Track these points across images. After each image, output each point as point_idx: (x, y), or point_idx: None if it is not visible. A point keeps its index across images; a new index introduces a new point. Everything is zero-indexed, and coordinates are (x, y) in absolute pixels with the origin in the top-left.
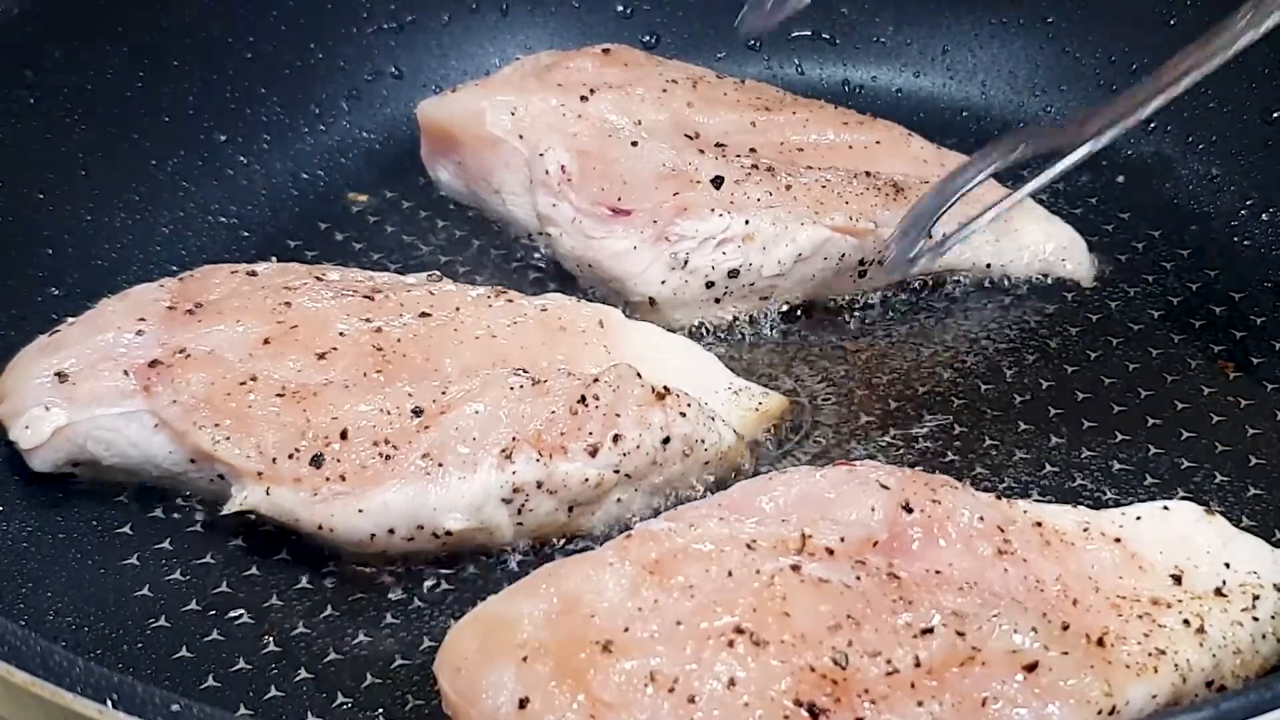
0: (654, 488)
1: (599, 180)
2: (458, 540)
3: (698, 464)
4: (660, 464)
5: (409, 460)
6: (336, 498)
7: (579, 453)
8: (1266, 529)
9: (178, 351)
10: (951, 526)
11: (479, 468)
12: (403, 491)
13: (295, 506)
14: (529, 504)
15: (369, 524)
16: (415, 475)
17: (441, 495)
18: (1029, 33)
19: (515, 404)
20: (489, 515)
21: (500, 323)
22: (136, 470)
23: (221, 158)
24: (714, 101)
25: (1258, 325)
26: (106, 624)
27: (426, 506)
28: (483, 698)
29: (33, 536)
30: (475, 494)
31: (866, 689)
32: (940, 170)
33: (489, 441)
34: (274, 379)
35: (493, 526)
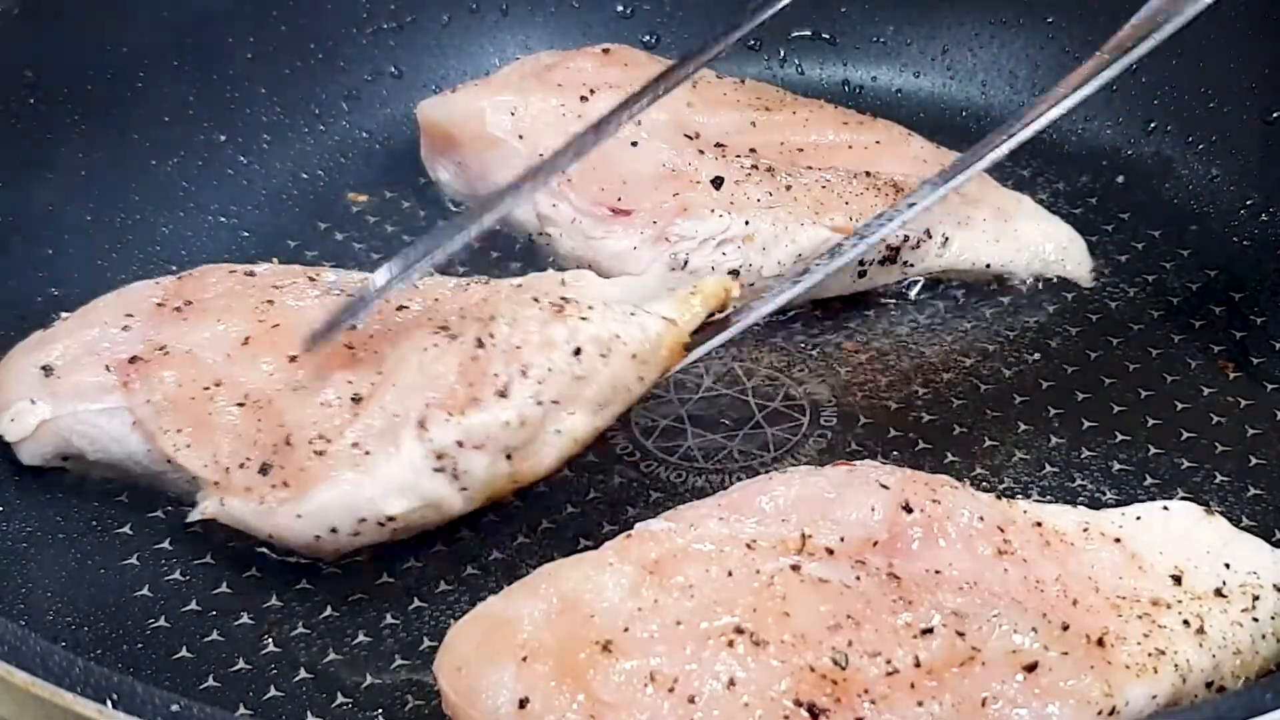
0: (593, 406)
1: (599, 180)
2: (407, 524)
3: (626, 363)
4: (584, 377)
5: (341, 453)
6: (281, 505)
7: (490, 398)
8: (1266, 529)
9: (158, 349)
10: (951, 526)
11: (401, 445)
12: (336, 488)
13: (246, 516)
14: (460, 466)
15: (310, 527)
16: (346, 467)
17: (373, 483)
18: (1029, 33)
19: (431, 367)
20: (426, 490)
21: (471, 303)
22: (121, 466)
23: (221, 158)
24: (714, 101)
25: (1258, 325)
26: (106, 624)
27: (361, 498)
28: (482, 698)
29: (33, 536)
30: (403, 473)
31: (866, 689)
32: None
33: (407, 414)
34: (240, 383)
35: (436, 500)
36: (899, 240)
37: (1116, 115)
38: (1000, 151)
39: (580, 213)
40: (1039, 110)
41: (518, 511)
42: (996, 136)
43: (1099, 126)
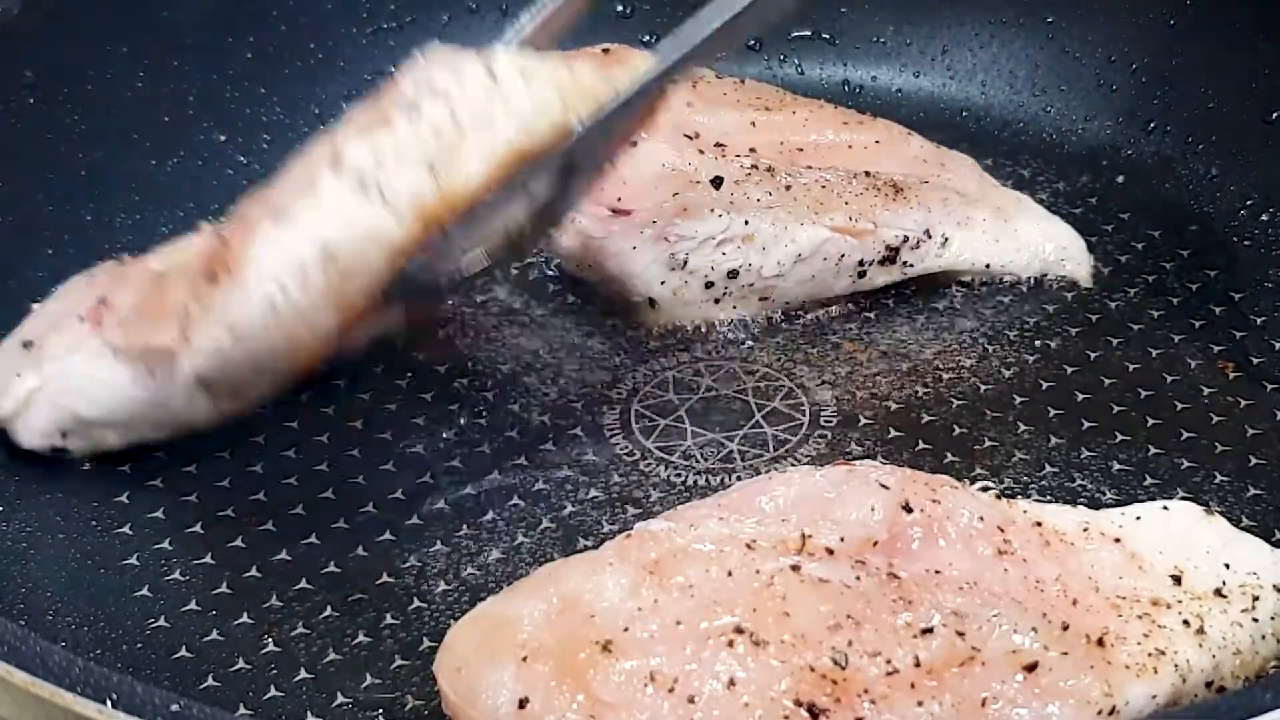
0: (521, 122)
1: None
2: (352, 266)
3: (549, 88)
4: (505, 98)
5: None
6: (228, 293)
7: (399, 120)
8: (1266, 529)
9: (121, 286)
10: (951, 526)
11: (318, 185)
12: (265, 244)
13: (215, 338)
14: (383, 185)
15: (262, 299)
16: (269, 226)
17: (300, 229)
18: (1029, 33)
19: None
20: (353, 216)
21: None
22: (121, 420)
23: (221, 158)
24: (714, 101)
25: (1258, 325)
26: (106, 624)
27: (294, 247)
28: (482, 698)
29: (32, 536)
30: (330, 208)
31: (866, 689)
32: (940, 170)
33: (321, 159)
34: (184, 265)
35: (368, 225)
36: (899, 240)
37: (1116, 115)
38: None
39: (579, 213)
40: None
41: (518, 511)
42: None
43: (1099, 126)
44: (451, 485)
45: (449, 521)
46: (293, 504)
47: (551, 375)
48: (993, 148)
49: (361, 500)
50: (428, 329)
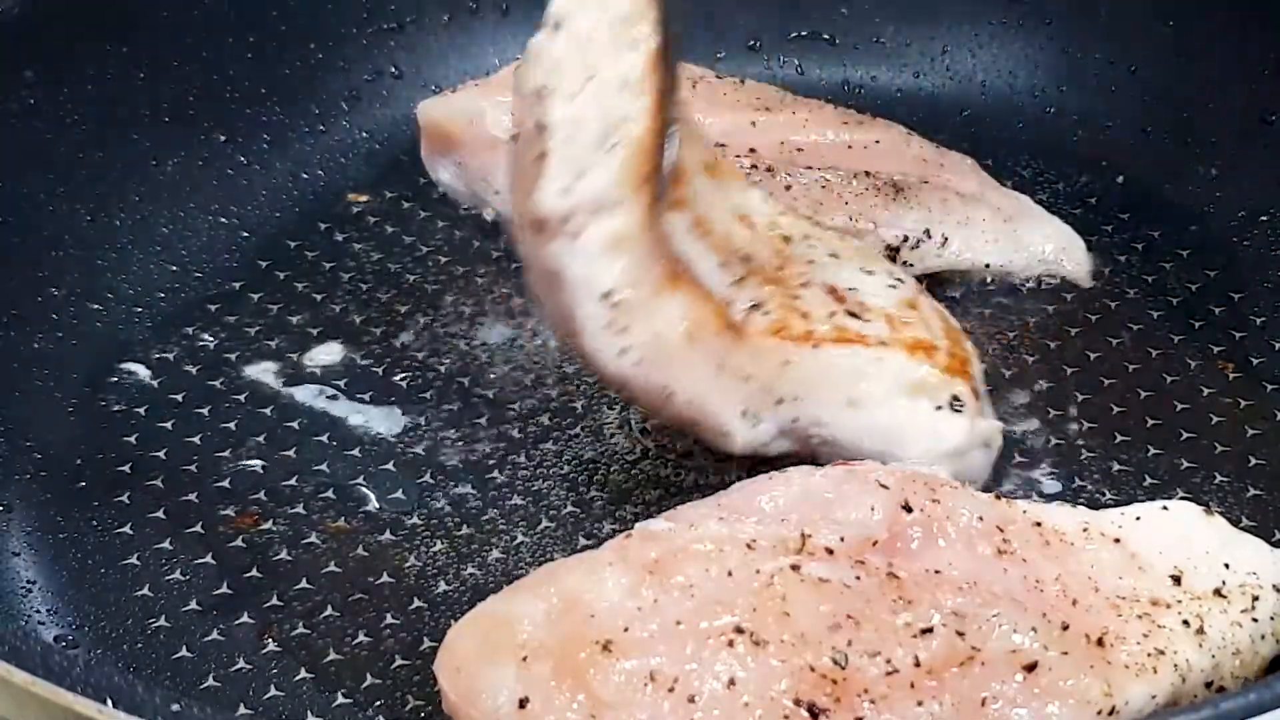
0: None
1: None
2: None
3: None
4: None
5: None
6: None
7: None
8: (1266, 529)
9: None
10: (951, 526)
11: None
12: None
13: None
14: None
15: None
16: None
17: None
18: (1029, 33)
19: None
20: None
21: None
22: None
23: (221, 158)
24: (714, 102)
25: (1258, 325)
26: (106, 624)
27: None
28: (482, 698)
29: (33, 536)
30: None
31: (866, 689)
32: (940, 170)
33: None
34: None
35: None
36: (898, 240)
37: (1116, 115)
38: None
39: None
40: None
41: (518, 511)
42: None
43: (1099, 126)
44: (452, 485)
45: (449, 521)
46: (293, 504)
47: (552, 375)
48: (993, 148)
49: (362, 500)
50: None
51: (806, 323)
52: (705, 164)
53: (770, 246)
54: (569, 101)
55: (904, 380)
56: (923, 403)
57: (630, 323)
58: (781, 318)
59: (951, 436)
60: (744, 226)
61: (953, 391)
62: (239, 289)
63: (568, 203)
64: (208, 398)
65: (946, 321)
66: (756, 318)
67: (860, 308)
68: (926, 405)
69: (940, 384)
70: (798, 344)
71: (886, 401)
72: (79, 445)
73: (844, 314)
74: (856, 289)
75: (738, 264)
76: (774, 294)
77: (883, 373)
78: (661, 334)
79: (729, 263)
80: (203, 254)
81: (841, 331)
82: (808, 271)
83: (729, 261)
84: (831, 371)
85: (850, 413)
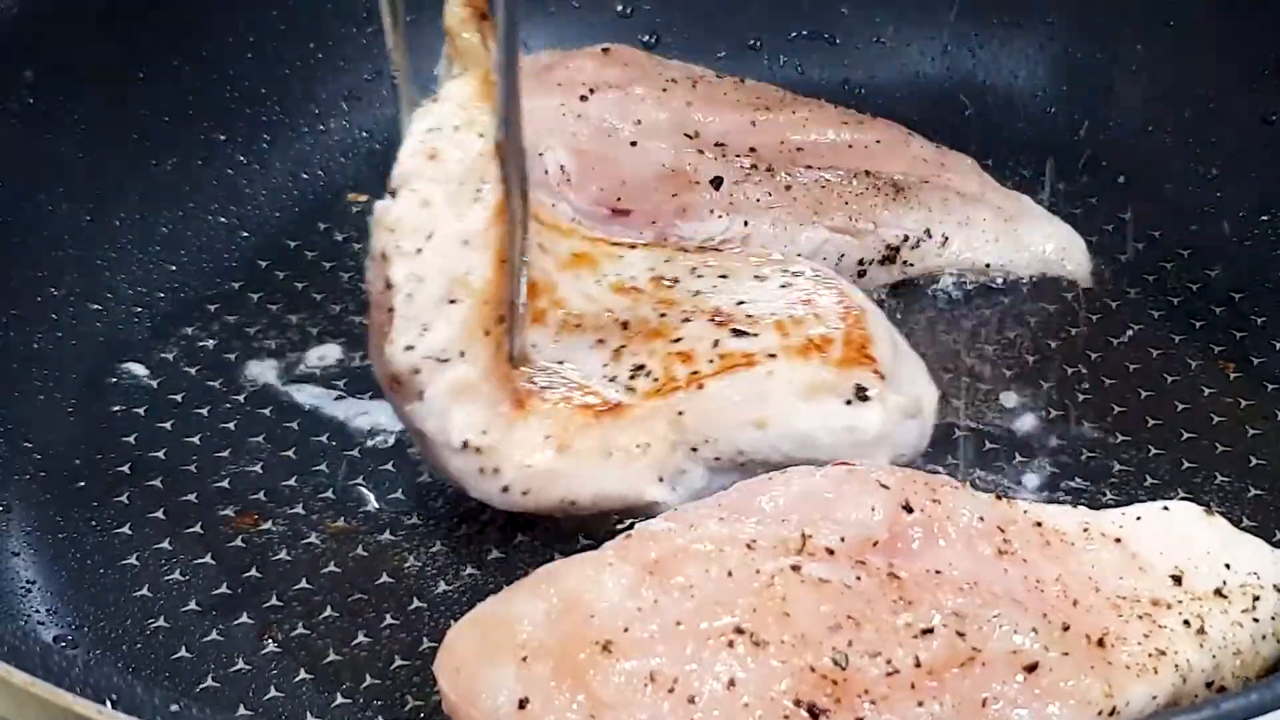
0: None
1: (598, 180)
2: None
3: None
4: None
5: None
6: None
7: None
8: (1266, 529)
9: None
10: (951, 526)
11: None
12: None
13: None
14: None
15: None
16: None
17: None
18: (1029, 33)
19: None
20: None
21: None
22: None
23: (221, 158)
24: (714, 101)
25: (1258, 325)
26: (106, 624)
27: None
28: (482, 698)
29: (32, 536)
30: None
31: (866, 689)
32: (940, 170)
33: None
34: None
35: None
36: (899, 240)
37: (1116, 115)
38: None
39: (580, 213)
40: None
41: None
42: None
43: (1099, 126)
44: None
45: (449, 521)
46: (292, 504)
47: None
48: (993, 148)
49: (362, 500)
50: None
51: (689, 364)
52: (569, 261)
53: (653, 300)
54: (411, 260)
55: (801, 386)
56: (829, 402)
57: (497, 463)
58: (664, 370)
59: (868, 425)
60: (625, 295)
61: (854, 382)
62: (239, 289)
63: (413, 359)
64: (208, 398)
65: (846, 300)
66: (641, 381)
67: (748, 323)
68: (834, 403)
69: (838, 379)
70: (685, 391)
71: (793, 412)
72: (79, 445)
73: (730, 337)
74: (745, 302)
75: (617, 335)
76: (655, 349)
77: (777, 386)
78: (531, 462)
79: (607, 339)
80: (203, 254)
81: (725, 360)
82: (693, 306)
83: (607, 338)
84: (726, 404)
85: (762, 434)
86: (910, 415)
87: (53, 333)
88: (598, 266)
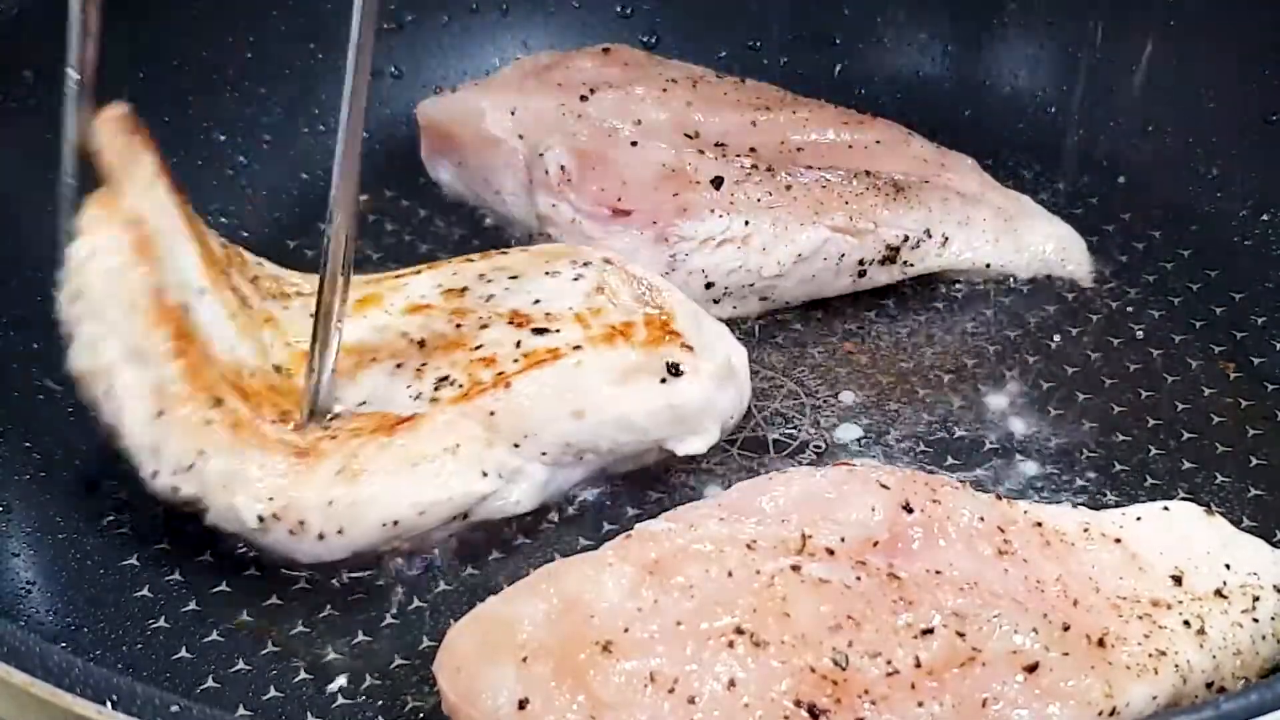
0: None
1: (598, 180)
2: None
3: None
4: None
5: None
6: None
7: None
8: (1267, 529)
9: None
10: (952, 526)
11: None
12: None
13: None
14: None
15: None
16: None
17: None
18: (1029, 33)
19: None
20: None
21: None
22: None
23: (221, 158)
24: (714, 101)
25: (1258, 325)
26: (106, 624)
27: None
28: (482, 698)
29: (32, 536)
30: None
31: (867, 689)
32: (940, 170)
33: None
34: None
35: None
36: (899, 240)
37: (1116, 115)
38: None
39: (580, 213)
40: None
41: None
42: None
43: (1099, 126)
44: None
45: None
46: None
47: None
48: (993, 148)
49: None
50: None
51: (494, 367)
52: (352, 308)
53: (446, 313)
54: (108, 399)
55: (612, 373)
56: (643, 382)
57: (299, 516)
58: (468, 377)
59: (689, 399)
60: (417, 314)
61: (664, 360)
62: None
63: (166, 483)
64: None
65: (637, 284)
66: (446, 390)
67: (547, 319)
68: (649, 383)
69: (648, 359)
70: (494, 391)
71: (609, 399)
72: (79, 445)
73: (530, 335)
74: (541, 299)
75: (415, 355)
76: (456, 360)
77: (588, 376)
78: (331, 498)
79: (405, 361)
80: None
81: (530, 358)
82: (488, 311)
83: (405, 360)
84: (538, 399)
85: (583, 424)
86: (725, 379)
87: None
88: (383, 300)
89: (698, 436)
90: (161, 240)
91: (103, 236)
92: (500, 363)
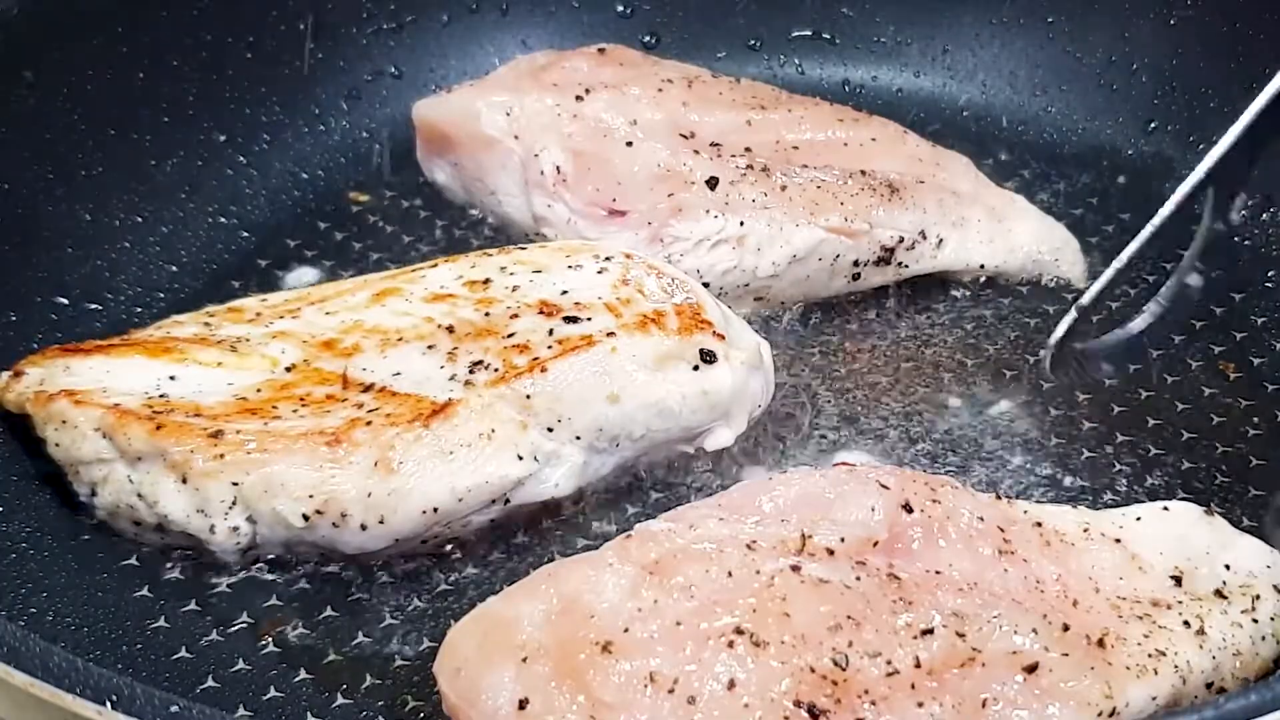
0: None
1: (594, 181)
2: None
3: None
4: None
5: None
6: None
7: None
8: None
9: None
10: (952, 527)
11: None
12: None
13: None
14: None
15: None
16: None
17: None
18: (1029, 33)
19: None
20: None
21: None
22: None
23: (221, 158)
24: (709, 101)
25: (1258, 325)
26: (106, 624)
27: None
28: (482, 698)
29: (32, 537)
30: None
31: (866, 690)
32: (936, 169)
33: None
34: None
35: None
36: (894, 241)
37: (1116, 115)
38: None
39: (576, 213)
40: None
41: (518, 511)
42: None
43: (1099, 126)
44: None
45: None
46: None
47: None
48: (993, 148)
49: None
50: None
51: (528, 353)
52: (369, 301)
53: (471, 302)
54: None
55: (647, 359)
56: (676, 369)
57: (341, 509)
58: (503, 362)
59: (721, 385)
60: (441, 301)
61: (698, 347)
62: (239, 289)
63: (198, 523)
64: None
65: (664, 276)
66: (481, 374)
67: (577, 309)
68: (682, 369)
69: (682, 346)
70: (530, 375)
71: (644, 384)
72: None
73: (563, 324)
74: (569, 291)
75: (445, 340)
76: (489, 346)
77: (623, 362)
78: (371, 491)
79: (436, 344)
80: (202, 254)
81: (565, 343)
82: (516, 302)
83: (436, 343)
84: (575, 384)
85: (618, 408)
86: (755, 367)
87: (53, 332)
88: (401, 291)
89: (726, 427)
90: (95, 377)
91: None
92: (535, 349)
